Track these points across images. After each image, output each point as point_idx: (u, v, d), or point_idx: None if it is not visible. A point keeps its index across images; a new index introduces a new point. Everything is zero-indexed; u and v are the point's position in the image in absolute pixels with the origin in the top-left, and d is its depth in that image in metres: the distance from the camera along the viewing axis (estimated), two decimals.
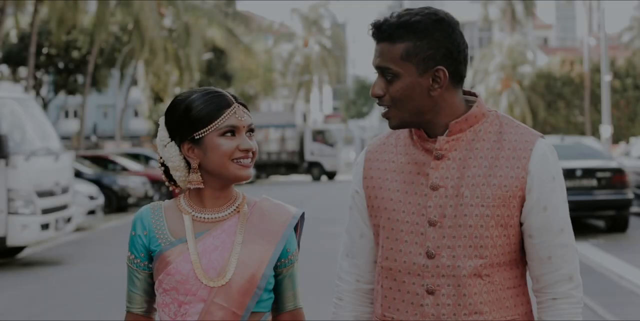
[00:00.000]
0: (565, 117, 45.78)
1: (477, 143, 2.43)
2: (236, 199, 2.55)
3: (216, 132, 2.43)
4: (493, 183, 2.37)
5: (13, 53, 33.82)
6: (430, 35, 2.38)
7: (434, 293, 2.40)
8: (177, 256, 2.45)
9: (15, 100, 13.54)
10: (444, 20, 2.41)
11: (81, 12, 30.14)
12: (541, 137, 2.44)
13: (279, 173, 41.89)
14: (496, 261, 2.40)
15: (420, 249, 2.42)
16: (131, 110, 62.05)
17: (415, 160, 2.47)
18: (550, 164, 2.40)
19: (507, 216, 2.38)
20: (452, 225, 2.39)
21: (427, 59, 2.38)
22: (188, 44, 37.93)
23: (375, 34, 2.43)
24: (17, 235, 12.03)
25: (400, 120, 2.44)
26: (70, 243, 15.51)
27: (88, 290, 10.45)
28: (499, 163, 2.39)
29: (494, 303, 2.40)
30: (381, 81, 2.42)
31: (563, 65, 46.29)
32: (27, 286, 10.81)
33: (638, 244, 13.82)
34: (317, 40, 65.49)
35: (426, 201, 2.42)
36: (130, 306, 2.56)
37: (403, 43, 2.38)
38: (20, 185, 12.03)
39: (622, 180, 14.47)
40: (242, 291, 2.43)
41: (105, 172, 23.01)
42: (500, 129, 2.44)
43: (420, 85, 2.39)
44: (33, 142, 13.01)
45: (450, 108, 2.43)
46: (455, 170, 2.41)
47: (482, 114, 2.45)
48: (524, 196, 2.38)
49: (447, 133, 2.42)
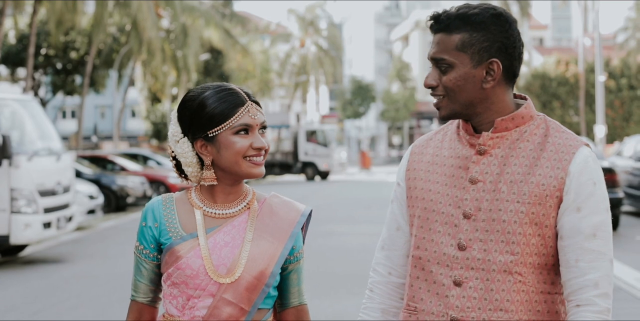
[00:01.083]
0: (560, 117, 45.98)
1: (520, 143, 2.44)
2: (247, 195, 2.57)
3: (230, 130, 2.45)
4: (531, 181, 2.39)
5: (11, 54, 33.97)
6: (487, 28, 2.41)
7: (461, 285, 2.40)
8: (188, 251, 2.47)
9: (17, 102, 13.80)
10: (502, 15, 2.43)
11: (79, 13, 30.28)
12: (586, 144, 2.44)
13: (273, 173, 42.12)
14: (529, 260, 2.38)
15: (452, 240, 2.44)
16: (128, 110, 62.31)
17: (459, 154, 2.51)
18: (592, 169, 2.40)
19: (543, 215, 2.38)
20: (486, 218, 2.40)
21: (482, 50, 2.41)
22: (185, 45, 38.12)
23: (433, 25, 2.46)
24: (20, 233, 12.28)
25: (451, 110, 2.47)
26: (71, 241, 15.77)
27: (90, 287, 10.68)
28: (539, 163, 2.41)
29: (523, 303, 2.38)
30: (435, 72, 2.46)
31: (558, 66, 46.48)
32: (30, 284, 11.05)
33: (628, 242, 14.09)
34: (313, 41, 65.69)
35: (463, 194, 2.45)
36: (135, 295, 2.59)
37: (459, 34, 2.41)
38: (23, 184, 12.28)
39: (612, 180, 14.75)
40: (250, 288, 2.46)
41: (104, 172, 23.23)
42: (546, 133, 2.46)
43: (473, 76, 2.42)
44: (35, 142, 13.28)
45: (500, 104, 2.46)
46: (495, 166, 2.44)
47: (530, 116, 2.47)
48: (561, 197, 2.38)
49: (492, 129, 2.45)
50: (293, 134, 42.03)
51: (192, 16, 38.95)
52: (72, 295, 10.16)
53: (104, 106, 65.90)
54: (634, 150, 18.31)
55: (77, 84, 37.08)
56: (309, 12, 65.88)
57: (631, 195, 17.50)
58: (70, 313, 9.08)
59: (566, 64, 46.35)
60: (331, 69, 65.77)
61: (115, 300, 9.52)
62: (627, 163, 18.16)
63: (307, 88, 65.78)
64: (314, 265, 11.44)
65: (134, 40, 34.85)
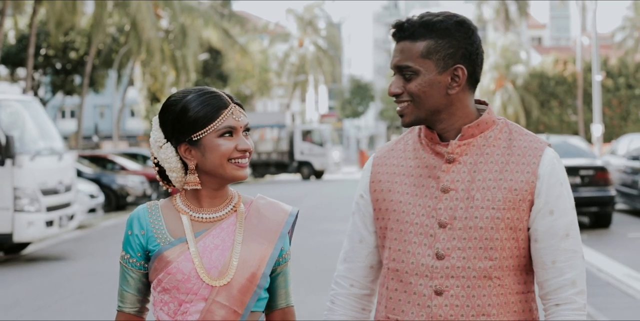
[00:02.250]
0: (558, 116, 46.10)
1: (487, 149, 2.46)
2: (232, 198, 2.55)
3: (214, 133, 2.43)
4: (504, 187, 2.41)
5: (11, 54, 34.10)
6: (451, 35, 2.42)
7: (442, 294, 2.40)
8: (178, 256, 2.44)
9: (19, 102, 14.04)
10: (465, 22, 2.46)
11: (79, 13, 30.43)
12: (549, 145, 2.49)
13: (269, 172, 42.34)
14: (505, 264, 2.42)
15: (429, 250, 2.43)
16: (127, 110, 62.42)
17: (426, 163, 2.50)
18: (558, 170, 2.45)
19: (517, 219, 2.41)
20: (462, 226, 2.41)
21: (447, 57, 2.43)
22: (184, 45, 38.26)
23: (397, 33, 2.47)
24: (23, 231, 12.51)
25: (416, 117, 2.46)
26: (72, 240, 16.00)
27: (91, 284, 10.91)
28: (509, 168, 2.43)
29: (502, 306, 2.41)
30: (399, 80, 2.46)
31: (556, 65, 46.61)
32: (33, 281, 11.27)
33: (620, 239, 14.32)
34: (312, 40, 65.86)
35: (436, 203, 2.45)
36: (122, 305, 2.55)
37: (424, 41, 2.42)
38: (26, 183, 12.52)
39: (604, 178, 14.97)
40: (243, 291, 2.44)
41: (104, 172, 23.45)
42: (510, 136, 2.49)
43: (439, 82, 2.43)
44: (37, 142, 13.52)
45: (464, 109, 2.48)
46: (466, 174, 2.45)
47: (492, 121, 2.49)
48: (532, 200, 2.42)
49: (459, 137, 2.46)
50: (289, 134, 42.24)
51: (191, 16, 39.09)
52: (74, 292, 10.38)
53: (103, 106, 66.06)
54: (627, 149, 18.53)
55: (77, 84, 37.22)
56: (308, 12, 66.05)
57: (624, 193, 17.73)
58: (72, 309, 9.31)
59: (564, 63, 46.46)
60: (330, 68, 65.95)
61: (116, 297, 9.73)
62: (621, 161, 18.38)
63: (306, 87, 65.98)
64: (312, 262, 11.66)
65: (133, 40, 34.98)
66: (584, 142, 17.51)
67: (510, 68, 48.22)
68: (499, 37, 53.23)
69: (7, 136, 12.29)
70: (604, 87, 44.03)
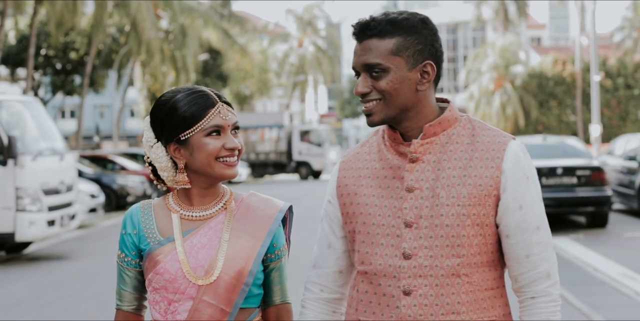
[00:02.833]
0: (557, 116, 46.21)
1: (450, 146, 2.45)
2: (224, 196, 2.56)
3: (202, 132, 2.44)
4: (468, 183, 2.40)
5: (11, 54, 34.19)
6: (419, 32, 2.42)
7: (410, 294, 2.39)
8: (166, 256, 2.46)
9: (21, 103, 14.18)
10: (429, 20, 2.47)
11: (79, 14, 30.52)
12: (513, 138, 2.47)
13: (267, 172, 42.50)
14: (473, 260, 2.40)
15: (396, 251, 2.42)
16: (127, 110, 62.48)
17: (390, 164, 2.49)
18: (523, 164, 2.43)
19: (483, 215, 2.40)
20: (428, 225, 2.40)
21: (416, 53, 2.41)
22: (184, 45, 38.32)
23: (363, 32, 2.44)
24: (25, 231, 12.65)
25: (386, 115, 2.44)
26: (73, 239, 16.13)
27: (92, 283, 11.03)
28: (473, 164, 2.42)
29: (472, 303, 2.40)
30: (366, 79, 2.43)
31: (555, 65, 46.71)
32: (35, 279, 11.40)
33: (616, 239, 14.43)
34: (311, 41, 65.95)
35: (401, 203, 2.44)
36: (120, 304, 2.58)
37: (393, 38, 2.40)
38: (28, 183, 12.66)
39: (601, 178, 15.09)
40: (229, 289, 2.44)
41: (104, 172, 23.57)
42: (473, 132, 2.47)
43: (409, 79, 2.41)
44: (39, 142, 13.65)
45: (429, 107, 2.46)
46: (430, 172, 2.43)
47: (454, 118, 2.48)
48: (498, 195, 2.40)
49: (421, 136, 2.45)
50: (287, 134, 42.39)
51: (190, 17, 39.17)
52: (75, 291, 10.51)
53: (103, 106, 66.15)
54: (624, 149, 18.65)
55: (77, 84, 37.32)
56: (307, 12, 66.13)
57: (621, 193, 17.85)
58: (74, 307, 9.43)
59: (563, 63, 46.56)
60: (329, 68, 66.05)
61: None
62: (618, 162, 18.50)
63: (305, 88, 66.08)
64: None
65: (133, 40, 35.05)
66: (581, 143, 17.64)
67: (509, 68, 48.32)
68: (498, 37, 53.37)
69: (10, 136, 12.43)
70: (603, 87, 44.14)
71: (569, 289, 9.77)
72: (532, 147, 16.58)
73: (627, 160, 17.91)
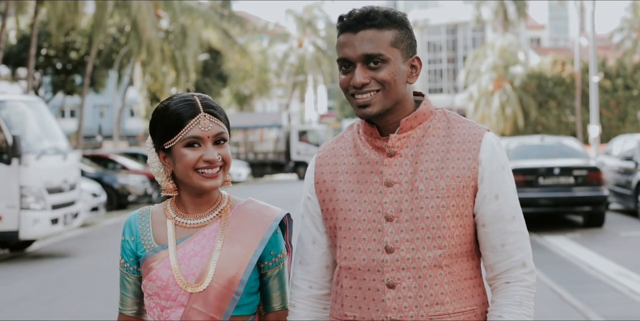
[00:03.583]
0: (556, 117, 46.30)
1: (427, 139, 2.47)
2: (220, 203, 2.55)
3: (180, 143, 2.43)
4: (446, 175, 2.42)
5: (12, 54, 34.32)
6: (407, 27, 2.46)
7: (394, 287, 2.41)
8: (159, 263, 2.47)
9: (24, 103, 14.35)
10: (406, 17, 2.51)
11: (80, 14, 30.66)
12: (487, 130, 2.49)
13: (266, 172, 42.69)
14: (454, 251, 2.43)
15: (379, 245, 2.43)
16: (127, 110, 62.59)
17: (368, 159, 2.50)
18: (499, 155, 2.46)
19: (462, 206, 2.42)
20: (409, 218, 2.42)
21: (408, 47, 2.46)
22: (184, 45, 38.46)
23: (360, 22, 2.43)
24: (29, 229, 12.83)
25: (383, 106, 2.43)
26: (75, 238, 16.30)
27: (96, 280, 11.19)
28: (450, 156, 2.44)
29: (454, 293, 2.43)
30: (364, 69, 2.42)
31: (554, 66, 46.81)
32: (40, 276, 11.57)
33: (612, 238, 14.58)
34: (311, 41, 66.05)
35: (381, 198, 2.45)
36: (122, 308, 2.61)
37: (390, 30, 2.42)
38: (32, 182, 12.84)
39: (597, 178, 15.26)
40: (219, 297, 2.44)
41: (105, 171, 23.73)
42: (448, 125, 2.50)
43: (403, 72, 2.44)
44: (42, 142, 13.83)
45: (409, 101, 2.50)
46: (408, 166, 2.45)
47: (430, 112, 2.50)
48: (476, 186, 2.43)
49: (398, 130, 2.47)
50: (285, 134, 42.58)
51: (191, 17, 39.31)
52: (79, 287, 10.67)
53: (103, 105, 66.25)
54: (621, 150, 18.81)
55: (77, 84, 37.47)
56: (307, 12, 66.23)
57: (618, 193, 18.01)
58: (79, 303, 9.60)
59: (562, 64, 46.65)
60: (329, 68, 66.09)
61: (118, 293, 10.01)
62: (615, 162, 18.66)
63: (305, 88, 66.18)
64: None
65: (133, 40, 35.17)
66: (579, 143, 17.76)
67: (508, 69, 48.41)
68: (497, 38, 53.46)
69: (14, 136, 12.62)
70: (602, 88, 44.26)
71: (565, 287, 9.94)
72: (530, 147, 16.74)
73: (624, 160, 18.07)
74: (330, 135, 47.12)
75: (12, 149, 12.59)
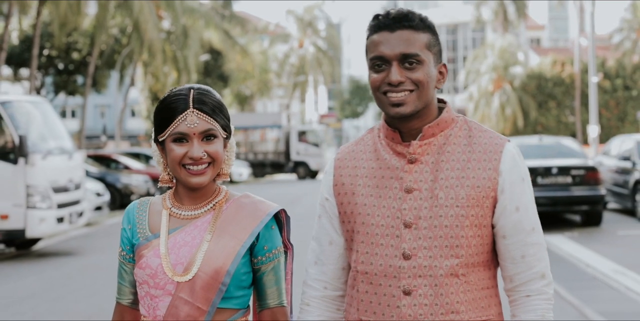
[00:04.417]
0: (556, 117, 46.40)
1: (448, 147, 2.47)
2: (217, 196, 2.56)
3: (169, 138, 2.45)
4: (466, 185, 2.42)
5: (15, 54, 34.43)
6: (436, 33, 2.50)
7: (410, 294, 2.41)
8: (150, 251, 2.48)
9: (30, 103, 14.56)
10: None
11: (82, 14, 30.80)
12: (508, 140, 2.50)
13: (266, 172, 42.87)
14: (471, 261, 2.43)
15: (396, 251, 2.43)
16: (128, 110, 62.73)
17: (388, 165, 2.50)
18: (520, 166, 2.47)
19: (481, 216, 2.43)
20: (427, 226, 2.41)
21: (438, 52, 2.49)
22: (186, 46, 38.57)
23: (399, 21, 2.44)
24: (35, 227, 13.04)
25: (416, 107, 2.44)
26: (80, 236, 16.51)
27: (101, 277, 11.37)
28: (470, 166, 2.45)
29: (470, 302, 2.43)
30: (399, 68, 2.43)
31: (554, 66, 46.91)
32: (46, 274, 11.76)
33: (609, 237, 14.78)
34: (312, 41, 66.17)
35: (400, 204, 2.45)
36: (118, 297, 2.63)
37: (425, 33, 2.45)
38: (38, 181, 13.05)
39: (595, 178, 15.46)
40: (206, 287, 2.43)
41: (108, 171, 23.92)
42: (470, 133, 2.50)
43: (434, 75, 2.47)
44: (48, 141, 14.04)
45: (433, 108, 2.51)
46: (428, 173, 2.45)
47: (451, 119, 2.51)
48: (495, 196, 2.44)
49: (420, 137, 2.47)
50: (285, 134, 42.76)
51: (192, 17, 39.45)
52: (86, 284, 10.87)
53: (104, 106, 66.38)
54: (619, 150, 18.99)
55: (79, 84, 37.60)
56: (308, 13, 66.35)
57: (616, 192, 18.20)
58: (87, 300, 9.80)
59: (562, 64, 46.75)
60: (329, 69, 66.24)
61: None
62: (613, 162, 18.84)
63: (305, 88, 66.30)
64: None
65: (135, 41, 35.26)
66: (577, 143, 17.96)
67: (508, 69, 48.50)
68: (497, 38, 53.50)
69: (20, 136, 12.82)
70: (602, 88, 44.39)
71: (562, 284, 10.13)
72: (528, 147, 16.92)
73: (622, 160, 18.25)
74: (329, 136, 47.26)
75: (19, 149, 12.81)
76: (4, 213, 12.90)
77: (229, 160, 2.57)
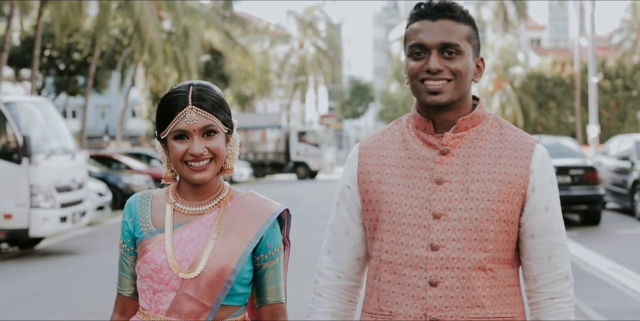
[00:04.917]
0: (556, 117, 46.46)
1: (480, 142, 2.48)
2: (221, 193, 2.56)
3: (170, 135, 2.46)
4: (498, 180, 2.42)
5: (16, 55, 34.50)
6: (476, 27, 2.50)
7: (437, 285, 2.39)
8: (154, 246, 2.48)
9: (33, 104, 14.69)
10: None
11: (83, 15, 30.88)
12: (537, 141, 2.51)
13: (266, 172, 42.99)
14: (498, 256, 2.43)
15: (423, 242, 2.42)
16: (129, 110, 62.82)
17: (418, 155, 2.49)
18: (549, 167, 2.48)
19: (510, 212, 2.42)
20: (457, 218, 2.40)
21: (477, 46, 2.49)
22: (186, 46, 38.64)
23: (440, 11, 2.45)
24: (39, 227, 13.17)
25: (452, 96, 2.44)
26: (82, 236, 16.64)
27: (105, 276, 11.45)
28: (502, 161, 2.45)
29: (496, 298, 2.42)
30: (439, 57, 2.43)
31: (554, 66, 46.98)
32: (50, 272, 11.88)
33: (608, 236, 14.90)
34: (312, 42, 66.27)
35: (430, 194, 2.43)
36: (120, 288, 2.63)
37: (466, 25, 2.45)
38: (41, 181, 13.18)
39: (593, 177, 15.58)
40: (211, 285, 2.44)
41: (110, 171, 24.03)
42: (501, 131, 2.51)
43: (472, 67, 2.47)
44: (51, 142, 14.17)
45: (468, 102, 2.51)
46: (459, 166, 2.45)
47: (484, 116, 2.52)
48: (525, 194, 2.44)
49: (454, 129, 2.47)
50: (285, 135, 42.86)
51: (193, 18, 39.53)
52: (89, 283, 10.99)
53: (104, 106, 66.45)
54: (617, 150, 19.10)
55: (80, 85, 37.69)
56: (308, 13, 66.45)
57: (615, 192, 18.31)
58: (91, 297, 9.92)
59: (562, 64, 46.82)
60: (330, 69, 66.33)
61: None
62: (612, 162, 18.94)
63: (306, 88, 66.39)
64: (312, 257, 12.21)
65: (136, 42, 35.34)
66: (576, 143, 18.08)
67: (508, 69, 48.57)
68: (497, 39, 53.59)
69: (24, 136, 12.95)
70: (602, 88, 44.45)
71: None
72: None
73: (621, 160, 18.35)
74: (329, 136, 47.34)
75: (23, 149, 12.93)
76: (8, 212, 13.03)
77: (232, 155, 2.58)
